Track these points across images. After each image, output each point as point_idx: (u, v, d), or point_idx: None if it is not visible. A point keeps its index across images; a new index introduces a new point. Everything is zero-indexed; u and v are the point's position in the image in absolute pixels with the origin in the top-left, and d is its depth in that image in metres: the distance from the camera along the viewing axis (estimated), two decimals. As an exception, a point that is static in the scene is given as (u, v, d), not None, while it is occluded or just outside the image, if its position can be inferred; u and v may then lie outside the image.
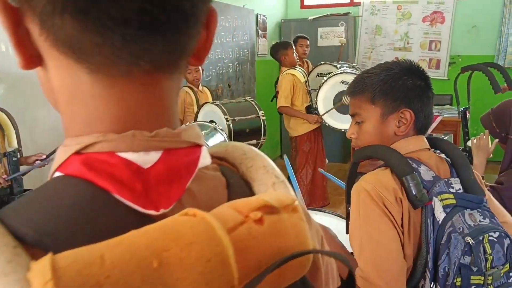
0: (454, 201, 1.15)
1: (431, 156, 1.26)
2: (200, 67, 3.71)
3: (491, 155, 2.21)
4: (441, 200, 1.15)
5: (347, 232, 1.29)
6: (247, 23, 5.53)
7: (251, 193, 0.50)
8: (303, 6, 6.95)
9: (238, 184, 0.50)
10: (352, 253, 1.24)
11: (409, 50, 6.28)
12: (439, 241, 1.13)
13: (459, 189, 1.19)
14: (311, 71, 4.90)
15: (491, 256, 1.11)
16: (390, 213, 1.15)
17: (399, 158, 1.19)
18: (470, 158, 2.31)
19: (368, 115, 1.29)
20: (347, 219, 1.27)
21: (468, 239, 1.09)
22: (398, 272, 1.15)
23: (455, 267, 1.09)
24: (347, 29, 6.26)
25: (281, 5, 6.81)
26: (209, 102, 3.64)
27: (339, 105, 3.97)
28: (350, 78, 3.92)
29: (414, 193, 1.13)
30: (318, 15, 6.36)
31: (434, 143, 1.30)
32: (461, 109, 2.84)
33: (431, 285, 1.13)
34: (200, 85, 3.79)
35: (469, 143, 2.33)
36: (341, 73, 4.10)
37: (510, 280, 1.17)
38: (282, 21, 6.64)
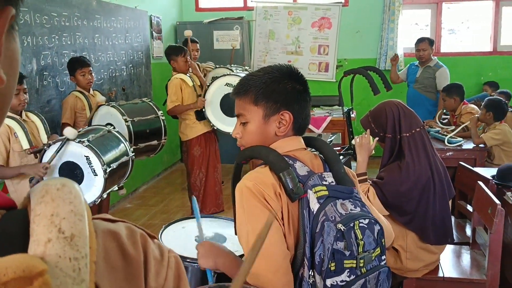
0: (326, 193, 1.24)
1: (306, 154, 1.36)
2: (91, 69, 3.53)
3: (373, 152, 2.39)
4: (315, 192, 1.23)
5: (236, 233, 1.32)
6: (141, 24, 5.39)
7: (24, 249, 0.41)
8: (198, 9, 6.95)
9: (11, 239, 0.41)
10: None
11: (300, 54, 6.56)
12: (314, 230, 1.21)
13: (332, 181, 1.30)
14: (205, 75, 4.91)
15: (363, 241, 1.22)
16: (271, 207, 1.22)
17: (276, 156, 1.27)
18: (354, 156, 2.48)
19: (251, 116, 1.35)
20: (235, 220, 1.30)
21: (340, 226, 1.18)
22: (283, 262, 1.22)
23: (329, 252, 1.17)
24: (242, 33, 6.38)
25: (176, 7, 6.75)
26: (104, 104, 3.47)
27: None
28: (234, 80, 3.98)
29: (291, 187, 1.22)
30: (213, 18, 6.40)
31: (309, 142, 1.41)
32: (345, 109, 3.03)
33: (310, 272, 1.21)
34: (91, 89, 3.60)
35: (353, 142, 2.49)
36: (224, 75, 4.12)
37: (382, 263, 1.29)
38: (177, 23, 6.58)
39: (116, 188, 3.01)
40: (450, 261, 2.45)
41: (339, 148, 3.26)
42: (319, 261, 1.19)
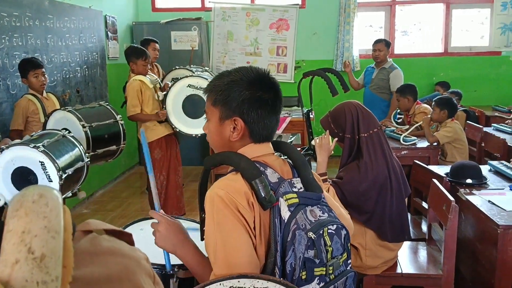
0: (297, 200, 1.23)
1: (276, 159, 1.34)
2: (44, 70, 3.41)
3: (332, 152, 2.42)
4: (286, 200, 1.22)
5: (202, 239, 1.30)
6: (95, 24, 5.26)
7: None
8: (154, 9, 6.85)
9: None
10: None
11: (259, 55, 6.58)
12: (286, 239, 1.19)
13: (301, 188, 1.29)
14: (164, 77, 4.84)
15: (331, 248, 1.22)
16: (243, 217, 1.19)
17: (247, 162, 1.24)
18: (314, 156, 2.51)
19: (210, 116, 1.35)
20: (201, 226, 1.28)
21: (310, 234, 1.17)
22: (252, 273, 1.19)
23: (300, 261, 1.16)
24: (200, 34, 6.34)
25: (132, 7, 6.63)
26: (59, 108, 3.34)
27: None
28: (197, 82, 3.95)
29: (263, 195, 1.19)
30: (170, 18, 6.32)
31: (277, 146, 1.39)
32: (304, 110, 3.06)
33: None
34: (44, 92, 3.47)
35: (313, 142, 2.52)
36: (186, 77, 4.05)
37: (348, 267, 1.29)
38: (133, 23, 6.46)
39: (70, 194, 2.92)
40: (408, 257, 2.52)
41: (299, 148, 3.29)
42: (290, 270, 1.18)
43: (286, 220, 1.20)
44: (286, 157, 1.39)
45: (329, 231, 1.23)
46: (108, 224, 0.62)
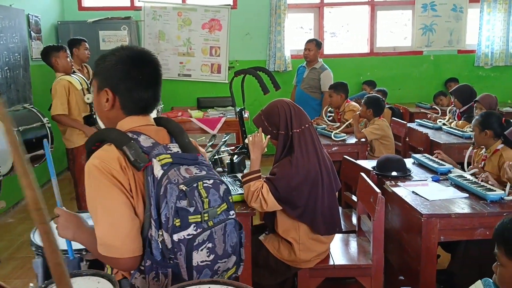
0: (170, 160, 1.36)
1: (152, 128, 1.47)
2: None
3: (266, 150, 2.45)
4: (159, 160, 1.35)
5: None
6: (17, 24, 4.97)
7: None
8: (81, 8, 6.61)
9: None
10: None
11: (192, 55, 6.54)
12: (159, 193, 1.31)
13: (178, 151, 1.43)
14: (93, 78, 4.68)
15: (207, 199, 1.37)
16: (118, 180, 1.32)
17: (117, 133, 1.39)
18: (248, 154, 2.53)
19: (93, 88, 1.50)
20: None
21: (182, 186, 1.30)
22: (131, 230, 1.31)
23: (173, 211, 1.29)
24: (131, 33, 6.19)
25: (56, 5, 6.34)
26: None
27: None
28: None
29: (134, 158, 1.33)
30: (98, 17, 6.12)
31: (158, 122, 1.52)
32: (237, 109, 3.08)
33: (158, 232, 1.31)
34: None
35: (246, 140, 2.54)
36: None
37: (230, 217, 1.44)
38: (59, 22, 6.19)
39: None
40: (340, 249, 2.60)
41: (233, 147, 3.30)
42: (165, 220, 1.30)
43: (159, 177, 1.32)
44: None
45: (205, 185, 1.38)
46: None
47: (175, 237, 1.29)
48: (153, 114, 1.54)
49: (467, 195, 2.47)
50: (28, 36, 5.30)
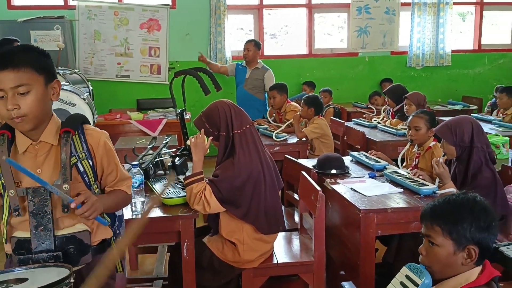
0: None
1: None
2: None
3: (208, 151, 2.44)
4: None
5: None
6: None
7: None
8: (10, 7, 6.29)
9: None
10: None
11: (130, 56, 6.39)
12: None
13: None
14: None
15: None
16: None
17: None
18: (190, 156, 2.50)
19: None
20: None
21: None
22: None
23: None
24: (64, 33, 5.95)
25: (-17, 3, 5.98)
26: None
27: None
28: (67, 96, 3.66)
29: None
30: (29, 17, 5.84)
31: None
32: (178, 111, 3.05)
33: None
34: None
35: (188, 142, 2.52)
36: None
37: None
38: (-15, 21, 5.85)
39: None
40: (283, 248, 2.64)
41: (175, 149, 3.26)
42: None
43: None
44: None
45: None
46: None
47: None
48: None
49: (402, 190, 2.58)
50: (-49, 35, 4.96)
